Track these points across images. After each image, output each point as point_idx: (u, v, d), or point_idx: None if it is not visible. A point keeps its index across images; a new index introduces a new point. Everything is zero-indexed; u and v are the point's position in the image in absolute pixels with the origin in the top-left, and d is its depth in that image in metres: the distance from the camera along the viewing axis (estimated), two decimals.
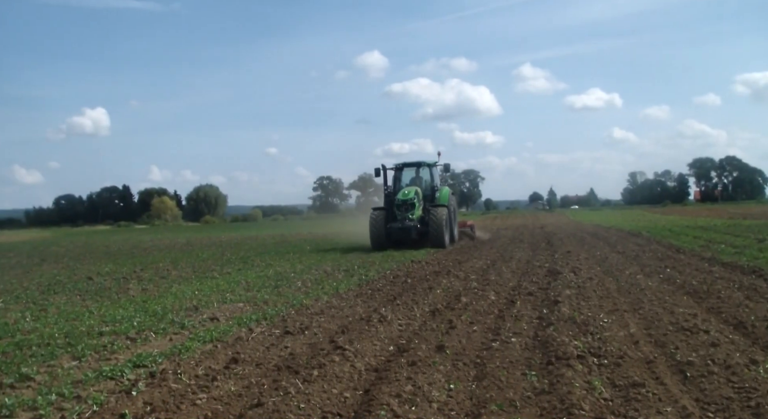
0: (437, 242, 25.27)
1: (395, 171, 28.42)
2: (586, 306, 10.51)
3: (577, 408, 5.44)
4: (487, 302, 11.35)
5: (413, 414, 5.51)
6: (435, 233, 25.27)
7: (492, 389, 6.26)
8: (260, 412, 5.62)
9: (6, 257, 31.17)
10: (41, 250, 37.53)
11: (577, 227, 43.14)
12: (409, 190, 26.41)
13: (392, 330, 9.29)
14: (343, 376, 6.76)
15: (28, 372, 7.35)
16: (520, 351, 7.80)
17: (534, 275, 15.42)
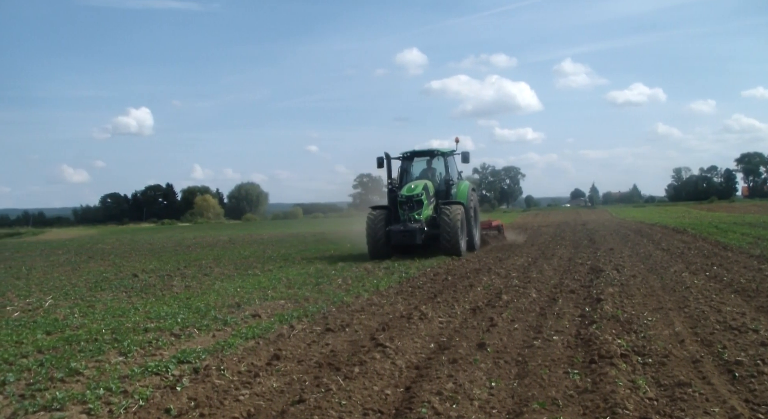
0: (450, 248, 20.71)
1: (402, 161, 23.76)
2: (629, 304, 10.35)
3: (621, 408, 5.37)
4: (528, 300, 11.26)
5: (454, 412, 5.50)
6: (447, 237, 20.64)
7: (534, 387, 6.21)
8: (302, 408, 5.66)
9: (55, 255, 31.91)
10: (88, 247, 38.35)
11: (620, 224, 42.50)
12: (416, 184, 21.72)
13: (433, 328, 9.28)
14: (384, 373, 6.77)
15: (77, 366, 7.52)
16: (562, 349, 7.72)
17: (576, 272, 15.25)
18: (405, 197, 21.26)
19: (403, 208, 21.29)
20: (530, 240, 28.54)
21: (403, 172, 23.67)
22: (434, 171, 23.82)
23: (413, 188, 21.36)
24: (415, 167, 23.98)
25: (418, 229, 20.55)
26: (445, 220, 20.63)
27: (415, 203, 21.21)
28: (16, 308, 12.92)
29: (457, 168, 24.17)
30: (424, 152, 23.66)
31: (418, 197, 21.17)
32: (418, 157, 23.89)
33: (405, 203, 21.28)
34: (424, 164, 24.02)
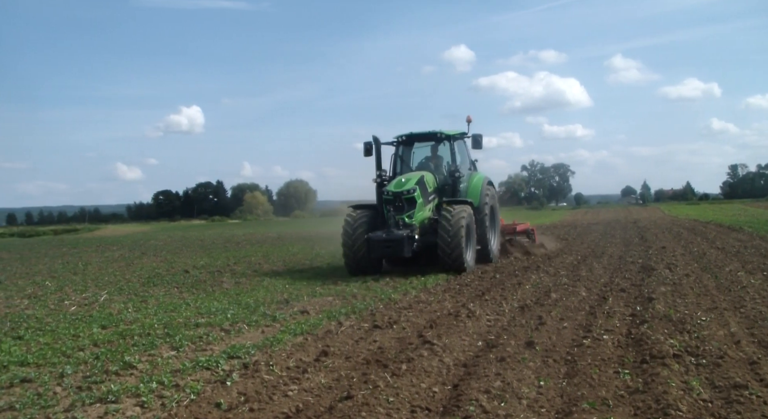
0: (450, 262, 15.74)
1: (397, 147, 18.45)
2: (682, 304, 10.14)
3: (674, 409, 5.26)
4: (577, 299, 11.12)
5: (502, 411, 5.47)
6: (446, 247, 15.67)
7: (583, 387, 6.13)
8: (350, 405, 5.69)
9: (110, 251, 32.70)
10: (141, 244, 39.19)
11: (673, 221, 41.62)
12: (408, 177, 16.67)
13: (481, 326, 9.24)
14: (432, 371, 6.77)
15: (130, 360, 7.70)
16: (612, 348, 7.60)
17: (627, 271, 15.00)
18: (392, 193, 16.12)
19: (390, 208, 16.25)
20: (575, 243, 28.01)
21: (397, 161, 18.44)
22: (440, 160, 18.67)
23: (404, 183, 16.29)
24: (416, 154, 19.04)
25: (405, 237, 15.35)
26: (444, 225, 15.73)
27: (405, 201, 16.10)
28: (73, 302, 13.29)
29: (469, 156, 19.18)
30: (425, 135, 18.30)
31: (409, 193, 16.01)
32: (418, 142, 18.77)
33: (392, 201, 16.22)
34: (428, 151, 18.98)
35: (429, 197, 16.92)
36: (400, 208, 16.17)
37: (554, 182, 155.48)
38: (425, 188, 16.76)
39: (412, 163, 18.75)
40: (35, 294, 14.82)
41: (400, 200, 16.14)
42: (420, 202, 16.29)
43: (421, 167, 18.45)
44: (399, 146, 18.45)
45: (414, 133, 18.23)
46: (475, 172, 18.99)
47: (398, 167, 18.36)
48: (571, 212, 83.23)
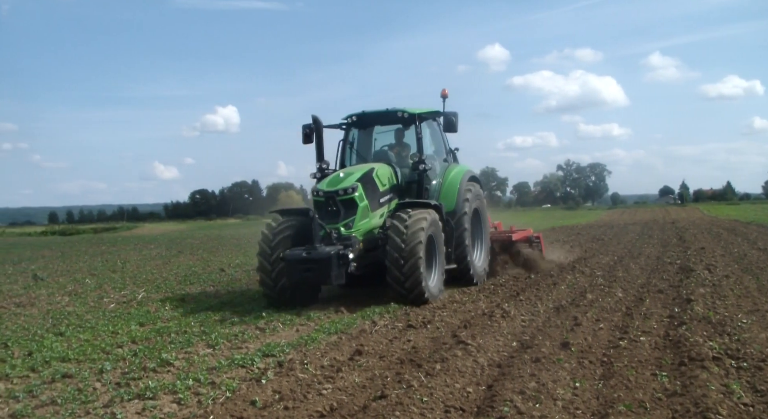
0: (404, 290, 11.27)
1: (346, 131, 14.07)
2: (722, 305, 9.96)
3: (713, 413, 5.17)
4: (613, 300, 10.99)
5: (537, 412, 5.43)
6: (396, 271, 11.22)
7: (620, 389, 6.06)
8: (384, 404, 5.70)
9: (147, 249, 33.16)
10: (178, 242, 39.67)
11: (712, 222, 40.89)
12: (349, 171, 12.37)
13: (515, 326, 9.18)
14: (466, 371, 6.75)
15: (168, 357, 7.81)
16: (649, 350, 7.50)
17: (664, 272, 14.78)
18: (323, 193, 11.85)
19: (322, 213, 11.81)
20: (611, 243, 27.62)
21: (347, 150, 14.01)
22: (407, 149, 14.02)
23: (341, 178, 11.97)
24: (378, 142, 14.48)
25: (332, 256, 10.77)
26: (394, 240, 11.16)
27: (341, 204, 11.75)
28: (112, 300, 13.51)
29: (446, 143, 14.68)
30: (381, 114, 13.64)
31: (347, 193, 11.68)
32: (379, 124, 14.23)
33: (324, 204, 11.91)
34: (392, 137, 14.43)
35: (381, 198, 12.47)
36: (335, 213, 11.69)
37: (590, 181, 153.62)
38: (374, 187, 12.27)
39: (371, 153, 14.23)
40: (75, 291, 15.10)
41: (334, 203, 11.68)
42: (363, 205, 11.80)
43: (379, 158, 13.68)
44: (349, 130, 13.96)
45: (367, 111, 13.69)
46: (453, 164, 14.45)
47: (348, 159, 13.91)
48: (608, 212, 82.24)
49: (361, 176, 12.06)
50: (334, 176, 12.18)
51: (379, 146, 14.40)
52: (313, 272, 10.92)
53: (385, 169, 12.98)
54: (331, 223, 11.65)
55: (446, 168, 14.24)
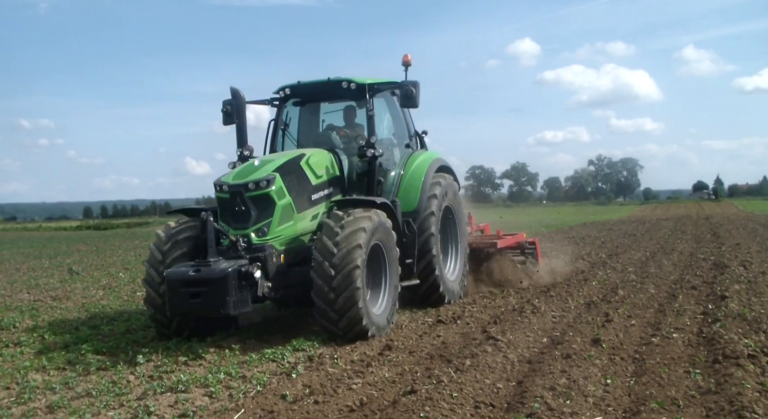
0: (337, 327, 8.29)
1: (279, 109, 11.10)
2: (758, 302, 9.79)
3: (749, 411, 5.09)
4: (646, 296, 10.87)
5: (568, 408, 5.39)
6: (322, 299, 8.20)
7: (652, 386, 5.99)
8: (413, 399, 5.71)
9: None
10: None
11: (748, 218, 40.20)
12: (267, 159, 9.52)
13: (546, 322, 9.13)
14: (496, 367, 6.73)
15: (199, 351, 7.89)
16: (682, 347, 7.41)
17: (698, 268, 14.57)
18: (229, 187, 8.87)
19: (227, 215, 8.92)
20: (643, 239, 27.27)
21: (278, 132, 11.05)
22: (357, 130, 11.04)
23: (255, 168, 9.03)
24: (328, 123, 11.51)
25: (230, 274, 7.89)
26: (318, 255, 8.30)
27: (252, 203, 8.78)
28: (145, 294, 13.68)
29: (409, 124, 11.54)
30: (323, 86, 10.66)
31: (259, 187, 8.74)
32: (326, 101, 11.39)
33: (229, 203, 8.89)
34: (340, 116, 11.34)
35: (315, 194, 9.53)
36: (243, 215, 8.72)
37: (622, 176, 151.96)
38: (303, 179, 9.34)
39: (306, 135, 11.23)
40: (110, 285, 15.35)
41: (242, 201, 8.70)
42: (284, 204, 8.84)
43: (320, 143, 10.61)
44: (283, 108, 11.00)
45: (303, 82, 10.69)
46: (418, 151, 11.45)
47: (280, 144, 11.02)
48: (640, 207, 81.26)
49: (282, 165, 9.00)
50: (247, 166, 9.17)
51: (322, 123, 11.52)
52: (202, 299, 7.83)
53: (322, 156, 9.85)
54: (240, 228, 8.63)
55: (408, 156, 11.07)
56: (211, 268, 7.89)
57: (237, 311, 8.11)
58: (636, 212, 61.32)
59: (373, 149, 9.88)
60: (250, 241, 8.53)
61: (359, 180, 10.33)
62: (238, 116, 9.92)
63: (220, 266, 7.92)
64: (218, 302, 7.85)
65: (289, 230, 8.99)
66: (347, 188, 10.22)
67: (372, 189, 10.09)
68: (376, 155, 9.93)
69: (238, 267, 7.95)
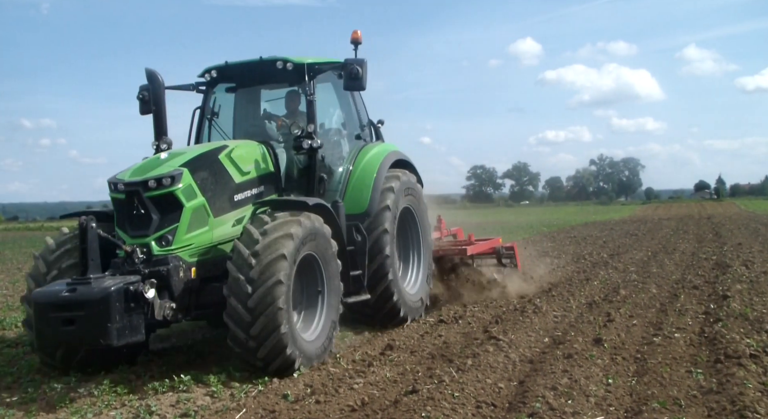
0: (255, 357, 6.80)
1: (206, 93, 9.51)
2: (760, 302, 9.78)
3: (751, 411, 5.08)
4: (647, 296, 10.86)
5: (569, 408, 5.39)
6: (239, 330, 6.71)
7: (654, 386, 5.99)
8: (415, 399, 5.70)
9: None
10: None
11: (750, 217, 40.16)
12: (176, 152, 7.80)
13: (547, 322, 9.12)
14: (497, 366, 6.72)
15: (201, 350, 7.89)
16: (684, 347, 7.40)
17: (700, 267, 14.56)
18: (125, 186, 7.18)
19: (122, 219, 7.23)
20: (645, 238, 27.26)
21: (204, 122, 9.53)
22: (297, 117, 9.25)
23: (160, 162, 7.42)
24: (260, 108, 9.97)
25: (112, 295, 6.26)
26: (234, 277, 6.78)
27: (153, 204, 7.13)
28: None
29: (360, 111, 10.04)
30: (255, 67, 9.17)
31: (160, 185, 7.12)
32: (264, 86, 9.83)
33: (126, 205, 7.19)
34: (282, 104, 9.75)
35: (239, 194, 7.99)
36: (142, 220, 7.10)
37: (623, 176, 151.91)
38: (223, 176, 7.81)
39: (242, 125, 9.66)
40: None
41: (140, 203, 7.09)
42: (194, 206, 7.27)
43: (253, 134, 9.17)
44: (209, 94, 9.50)
45: (232, 63, 9.28)
46: (372, 144, 9.95)
47: (206, 136, 9.48)
48: (642, 207, 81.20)
49: (194, 159, 7.52)
50: (150, 160, 7.61)
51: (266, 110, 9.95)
52: (77, 326, 6.28)
53: (250, 149, 8.34)
54: (138, 236, 7.03)
55: (359, 149, 9.58)
56: (90, 287, 6.29)
57: (123, 341, 6.36)
58: (638, 212, 61.27)
59: (310, 140, 8.34)
60: (150, 252, 6.94)
61: (301, 177, 8.82)
62: (156, 102, 8.35)
63: (102, 284, 6.32)
64: (97, 331, 6.23)
65: (203, 238, 7.36)
66: (285, 186, 8.63)
67: (312, 188, 8.63)
68: (314, 146, 8.39)
69: (124, 286, 6.35)
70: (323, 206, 7.90)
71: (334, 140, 9.54)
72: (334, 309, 7.69)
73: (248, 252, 6.72)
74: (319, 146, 8.47)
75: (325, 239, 7.58)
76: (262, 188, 8.30)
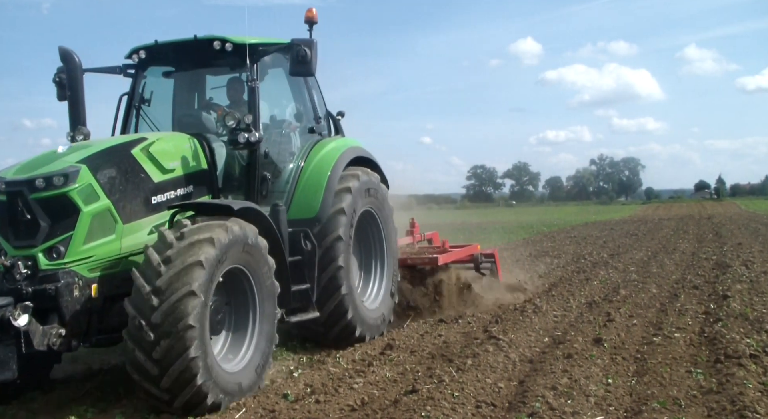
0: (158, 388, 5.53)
1: (135, 77, 8.11)
2: (760, 302, 9.79)
3: (751, 411, 5.08)
4: (648, 295, 10.86)
5: (569, 408, 5.39)
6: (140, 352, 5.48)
7: (654, 385, 5.99)
8: (415, 398, 5.70)
9: None
10: None
11: (750, 217, 40.13)
12: (79, 146, 6.55)
13: (547, 321, 9.12)
14: (497, 366, 6.72)
15: None
16: (684, 347, 7.40)
17: (700, 267, 14.56)
18: (6, 186, 5.95)
19: (3, 227, 5.94)
20: (645, 238, 27.25)
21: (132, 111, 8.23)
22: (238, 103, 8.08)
23: (55, 158, 6.21)
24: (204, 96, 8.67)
25: None
26: (143, 270, 5.68)
27: (40, 208, 5.86)
28: None
29: (315, 101, 8.76)
30: (187, 46, 7.82)
31: (50, 186, 5.86)
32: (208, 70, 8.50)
33: (7, 209, 5.91)
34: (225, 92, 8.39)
35: (157, 195, 6.77)
36: (28, 227, 5.89)
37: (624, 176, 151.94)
38: (137, 175, 6.61)
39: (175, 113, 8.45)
40: None
41: (25, 206, 5.88)
42: (94, 209, 6.09)
43: (186, 125, 8.03)
44: (140, 78, 8.18)
45: (162, 42, 7.94)
46: (328, 138, 8.78)
47: (134, 124, 8.20)
48: (642, 207, 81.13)
49: (99, 154, 6.34)
50: (45, 154, 6.42)
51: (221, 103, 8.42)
52: None
53: (176, 142, 7.14)
54: (23, 246, 5.85)
55: (313, 144, 8.40)
56: None
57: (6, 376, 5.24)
58: (638, 212, 61.25)
59: (248, 133, 7.07)
60: (36, 265, 5.72)
61: (243, 177, 7.65)
62: (72, 87, 7.22)
63: None
64: None
65: (108, 249, 6.12)
66: (222, 187, 7.47)
67: (253, 188, 7.44)
68: (251, 140, 7.10)
69: None
70: (255, 212, 6.64)
71: (282, 133, 8.32)
72: (266, 337, 6.43)
73: (159, 258, 5.57)
74: (257, 140, 7.18)
75: (259, 253, 6.36)
76: (190, 189, 7.04)
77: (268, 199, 7.50)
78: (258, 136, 7.17)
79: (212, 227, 5.84)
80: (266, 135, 7.73)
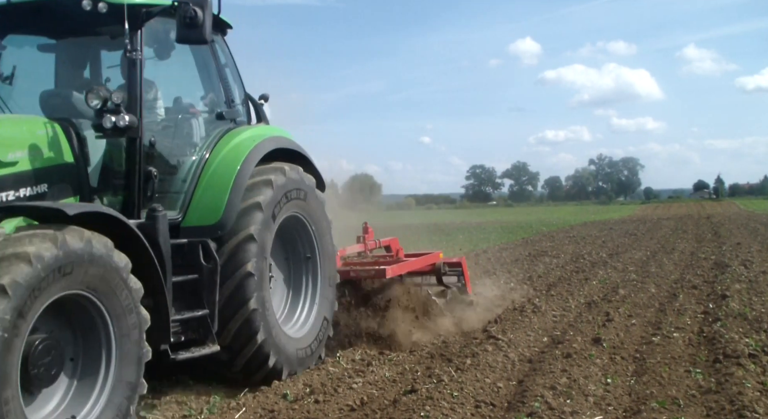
0: None
1: None
2: (758, 302, 9.79)
3: (750, 411, 5.08)
4: (646, 295, 10.87)
5: (568, 407, 5.39)
6: None
7: (653, 385, 5.99)
8: (414, 398, 5.70)
9: None
10: None
11: (749, 217, 40.19)
12: None
13: (546, 321, 9.12)
14: (497, 366, 6.72)
15: None
16: (683, 346, 7.41)
17: (699, 267, 14.58)
18: None
19: None
20: (644, 238, 27.26)
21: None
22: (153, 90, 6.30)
23: None
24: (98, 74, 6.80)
25: None
26: None
27: None
28: None
29: (226, 79, 6.96)
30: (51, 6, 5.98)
31: None
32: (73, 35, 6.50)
33: None
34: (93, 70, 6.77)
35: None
36: None
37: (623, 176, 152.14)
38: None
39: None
40: None
41: None
42: None
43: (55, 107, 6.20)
44: None
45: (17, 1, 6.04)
46: (244, 127, 7.13)
47: None
48: (641, 206, 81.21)
49: None
50: None
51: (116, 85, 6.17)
52: None
53: (23, 127, 5.48)
54: None
55: (222, 134, 6.78)
56: None
57: None
58: (637, 212, 61.33)
59: (115, 116, 5.36)
60: None
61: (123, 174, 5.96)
62: None
63: None
64: None
65: None
66: (99, 186, 5.81)
67: (133, 188, 5.81)
68: (120, 125, 5.38)
69: None
70: (109, 218, 5.00)
71: (181, 119, 6.75)
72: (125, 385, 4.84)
73: None
74: (128, 125, 5.42)
75: (113, 273, 4.71)
76: (43, 188, 5.35)
77: (155, 201, 5.85)
78: (128, 119, 5.41)
79: (33, 238, 4.24)
80: (166, 122, 6.40)
